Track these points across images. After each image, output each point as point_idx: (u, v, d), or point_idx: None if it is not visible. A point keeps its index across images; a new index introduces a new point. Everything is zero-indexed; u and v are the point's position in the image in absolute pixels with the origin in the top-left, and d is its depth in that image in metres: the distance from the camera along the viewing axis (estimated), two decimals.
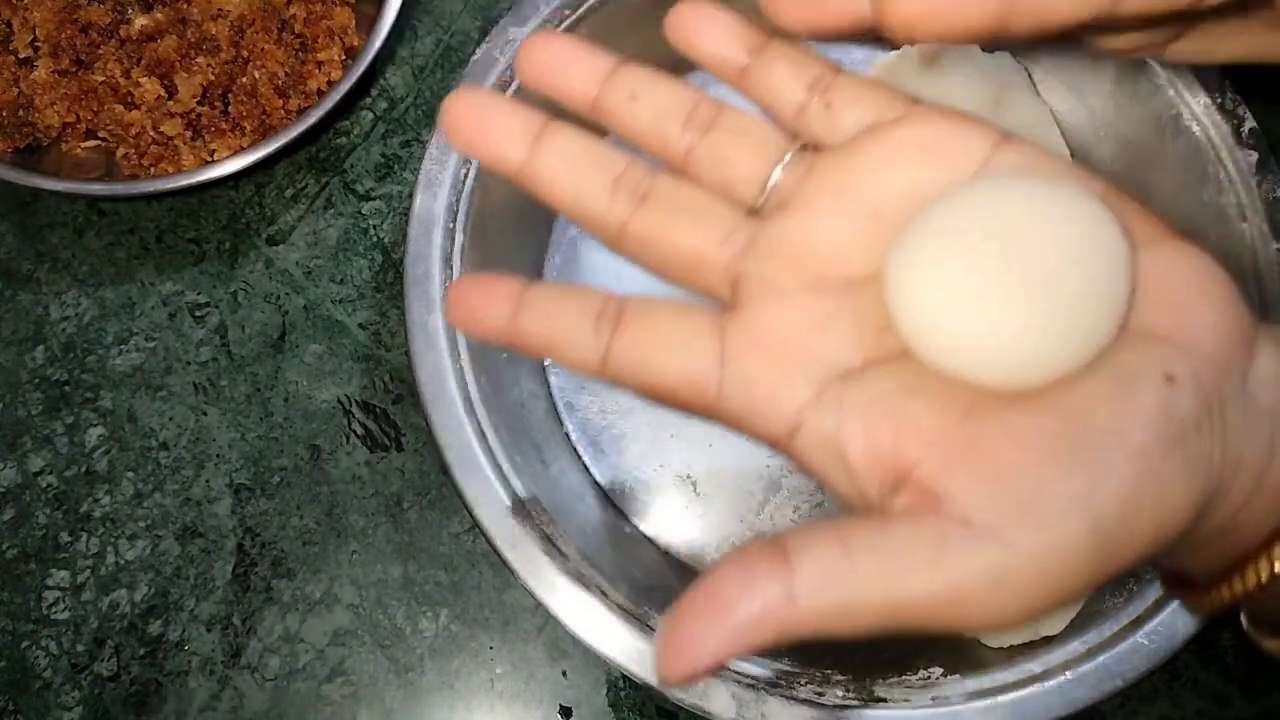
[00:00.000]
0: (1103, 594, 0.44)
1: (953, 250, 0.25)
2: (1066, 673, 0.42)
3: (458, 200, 0.48)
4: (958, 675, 0.43)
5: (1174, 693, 0.46)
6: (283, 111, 0.54)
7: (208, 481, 0.51)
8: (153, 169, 0.53)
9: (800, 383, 0.27)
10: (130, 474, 0.51)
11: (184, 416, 0.52)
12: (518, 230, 0.52)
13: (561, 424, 0.51)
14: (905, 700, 0.42)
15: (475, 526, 0.43)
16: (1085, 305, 0.25)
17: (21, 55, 0.55)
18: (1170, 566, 0.32)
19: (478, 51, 0.50)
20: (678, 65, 0.57)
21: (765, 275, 0.28)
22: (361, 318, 0.54)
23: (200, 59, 0.54)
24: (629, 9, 0.53)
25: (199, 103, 0.54)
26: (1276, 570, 0.26)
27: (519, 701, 0.48)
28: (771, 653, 0.43)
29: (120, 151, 0.54)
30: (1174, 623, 0.42)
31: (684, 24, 0.31)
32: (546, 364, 0.52)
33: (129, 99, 0.54)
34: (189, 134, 0.54)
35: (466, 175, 0.48)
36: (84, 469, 0.51)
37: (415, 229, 0.47)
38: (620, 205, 0.29)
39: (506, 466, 0.44)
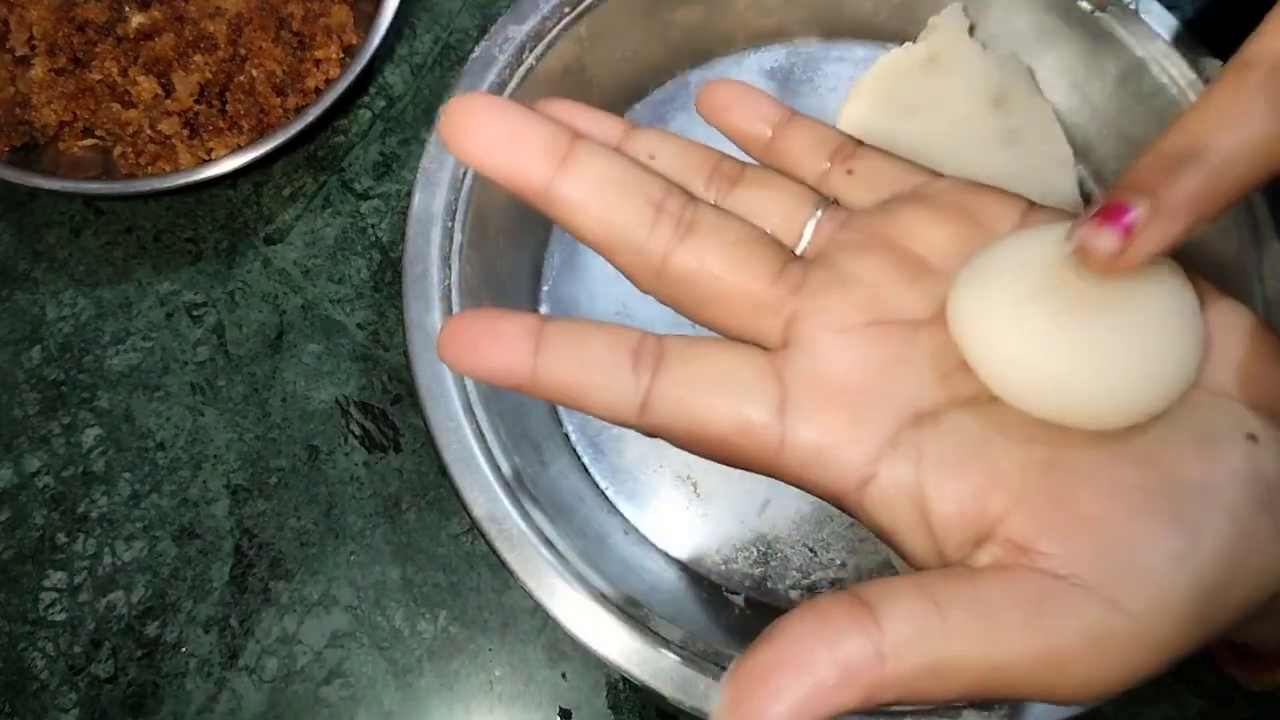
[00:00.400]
0: None
1: (1027, 283, 0.25)
2: None
3: (456, 199, 0.48)
4: None
5: (1176, 694, 0.46)
6: (280, 110, 0.54)
7: (205, 482, 0.51)
8: (150, 168, 0.53)
9: (874, 427, 0.25)
10: (127, 475, 0.51)
11: (181, 417, 0.52)
12: (517, 229, 0.52)
13: (561, 424, 0.51)
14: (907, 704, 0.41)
15: (474, 528, 0.43)
16: (1167, 346, 0.24)
17: (19, 54, 0.55)
18: (1233, 641, 0.31)
19: (476, 49, 0.50)
20: (676, 64, 0.57)
21: (825, 310, 0.26)
22: (360, 317, 0.53)
23: (198, 57, 0.54)
24: (627, 7, 0.53)
25: (196, 101, 0.54)
26: None
27: (518, 703, 0.47)
28: None
29: (117, 150, 0.53)
30: None
31: (715, 99, 0.32)
32: None
33: (126, 97, 0.54)
34: (186, 133, 0.53)
35: (465, 174, 0.48)
36: (81, 469, 0.51)
37: (413, 228, 0.47)
38: (663, 235, 0.26)
39: (505, 467, 0.44)
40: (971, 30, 0.56)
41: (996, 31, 0.56)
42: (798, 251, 0.28)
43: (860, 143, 0.30)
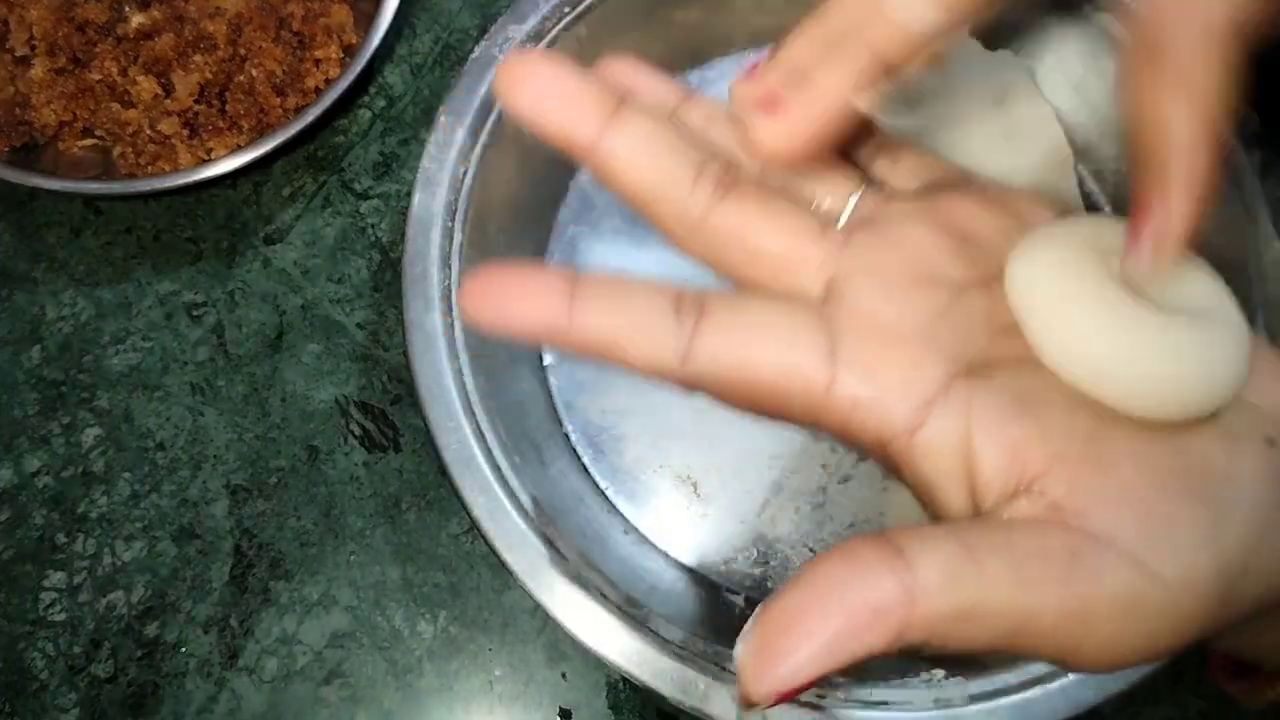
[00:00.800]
0: None
1: (1094, 261, 0.25)
2: (1070, 674, 0.41)
3: (456, 199, 0.48)
4: (960, 677, 0.42)
5: (1177, 694, 0.45)
6: (280, 110, 0.54)
7: (205, 482, 0.51)
8: (150, 168, 0.53)
9: (928, 373, 0.25)
10: (127, 475, 0.51)
11: (181, 417, 0.52)
12: (516, 229, 0.52)
13: (561, 425, 0.51)
14: (907, 702, 0.41)
15: (474, 528, 0.42)
16: (1229, 348, 0.25)
17: (19, 54, 0.55)
18: (1226, 649, 0.31)
19: (476, 49, 0.50)
20: (677, 64, 0.57)
21: (869, 267, 0.26)
22: (359, 317, 0.53)
23: (197, 57, 0.54)
24: (627, 7, 0.53)
25: (196, 101, 0.53)
26: None
27: (518, 704, 0.47)
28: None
29: (117, 150, 0.53)
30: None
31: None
32: (546, 364, 0.51)
33: (126, 97, 0.54)
34: (186, 133, 0.53)
35: (465, 174, 0.48)
36: (80, 470, 0.51)
37: (413, 228, 0.47)
38: (704, 192, 0.26)
39: (505, 467, 0.44)
40: (972, 30, 0.56)
41: (996, 31, 0.55)
42: (840, 224, 0.28)
43: (906, 143, 0.31)
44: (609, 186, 0.27)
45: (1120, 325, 0.24)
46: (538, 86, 0.26)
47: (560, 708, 0.47)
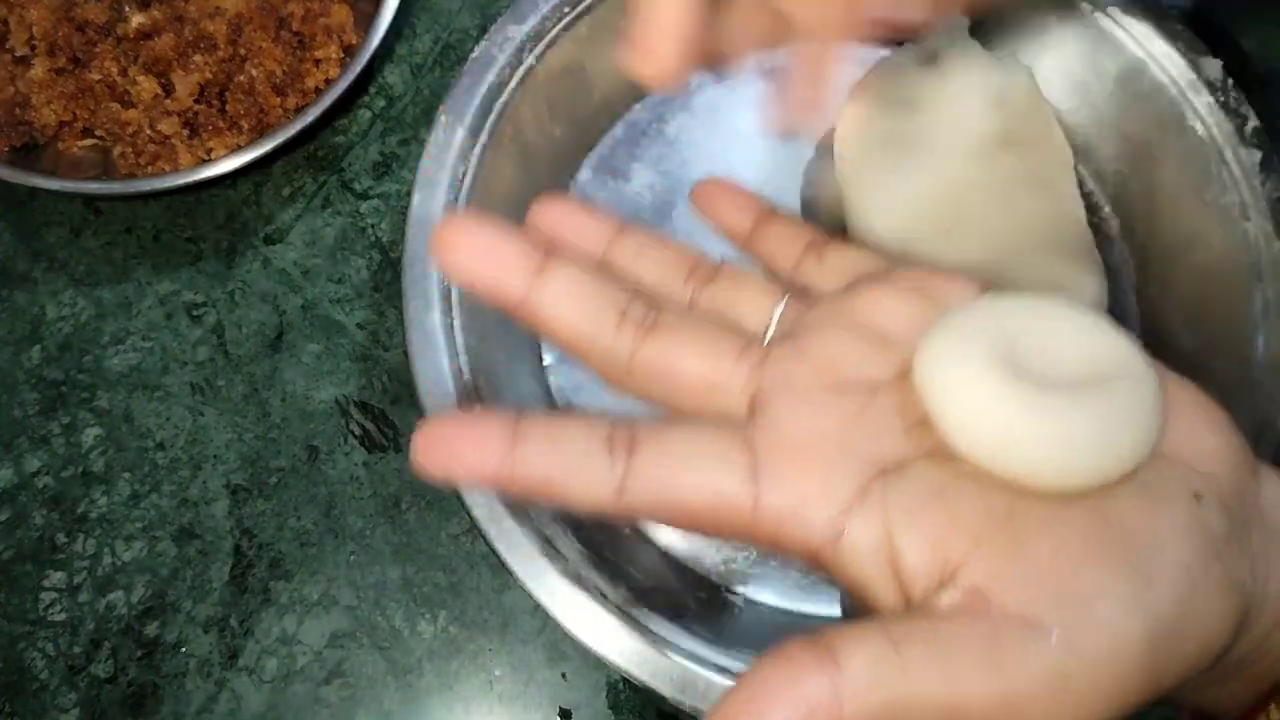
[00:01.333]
0: None
1: (994, 345, 0.26)
2: None
3: (456, 199, 0.47)
4: None
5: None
6: (280, 110, 0.53)
7: (205, 482, 0.50)
8: (150, 168, 0.52)
9: (843, 481, 0.25)
10: (127, 475, 0.50)
11: (181, 417, 0.51)
12: (516, 235, 0.51)
13: None
14: None
15: (473, 528, 0.42)
16: (1133, 414, 0.25)
17: (19, 54, 0.54)
18: (1193, 704, 0.31)
19: (476, 49, 0.50)
20: None
21: (786, 381, 0.27)
22: (359, 317, 0.53)
23: (197, 57, 0.53)
24: (624, 8, 0.53)
25: (196, 101, 0.53)
26: None
27: (518, 704, 0.47)
28: None
29: (117, 150, 0.53)
30: None
31: (704, 196, 0.34)
32: (546, 363, 0.51)
33: (126, 97, 0.53)
34: (186, 133, 0.53)
35: (465, 174, 0.48)
36: (80, 470, 0.50)
37: (413, 228, 0.47)
38: (628, 336, 0.28)
39: None
40: (972, 30, 0.56)
41: (996, 32, 0.55)
42: (766, 338, 0.29)
43: (832, 238, 0.32)
44: (544, 336, 0.29)
45: (1015, 404, 0.25)
46: (469, 249, 0.28)
47: (560, 708, 0.47)
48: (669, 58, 0.33)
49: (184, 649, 0.48)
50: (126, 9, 0.55)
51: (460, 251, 0.28)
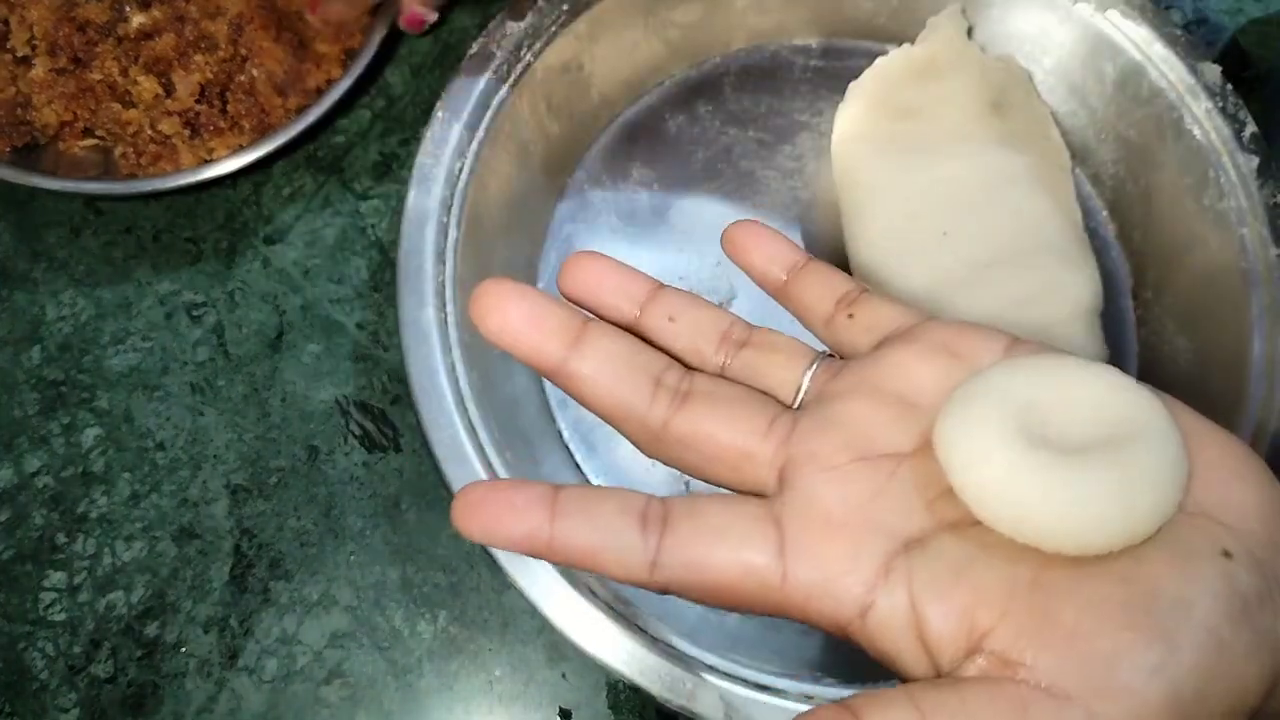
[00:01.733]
0: None
1: (1009, 414, 0.26)
2: None
3: (451, 195, 0.47)
4: None
5: None
6: (282, 110, 0.53)
7: (205, 482, 0.50)
8: (151, 168, 0.52)
9: (868, 556, 0.26)
10: (127, 475, 0.50)
11: (181, 417, 0.51)
12: (512, 226, 0.51)
13: (554, 421, 0.50)
14: None
15: None
16: (1152, 476, 0.25)
17: (19, 54, 0.54)
18: None
19: (474, 45, 0.49)
20: (675, 63, 0.56)
21: (813, 454, 0.28)
22: (359, 317, 0.53)
23: (198, 57, 0.53)
24: (626, 5, 0.52)
25: (197, 101, 0.53)
26: None
27: (518, 704, 0.47)
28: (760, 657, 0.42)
29: (118, 150, 0.53)
30: None
31: (737, 240, 0.34)
32: None
33: (127, 97, 0.53)
34: (187, 133, 0.53)
35: (461, 170, 0.47)
36: (80, 470, 0.50)
37: (408, 224, 0.46)
38: (662, 405, 0.29)
39: (497, 463, 0.43)
40: (970, 32, 0.55)
41: (995, 34, 0.55)
42: (795, 403, 0.30)
43: (865, 289, 0.32)
44: (580, 402, 0.30)
45: (1031, 474, 0.25)
46: (509, 314, 0.29)
47: (560, 708, 0.47)
48: None
49: (184, 649, 0.48)
50: (127, 9, 0.54)
51: (499, 318, 0.29)
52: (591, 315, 0.30)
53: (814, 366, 0.30)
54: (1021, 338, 0.29)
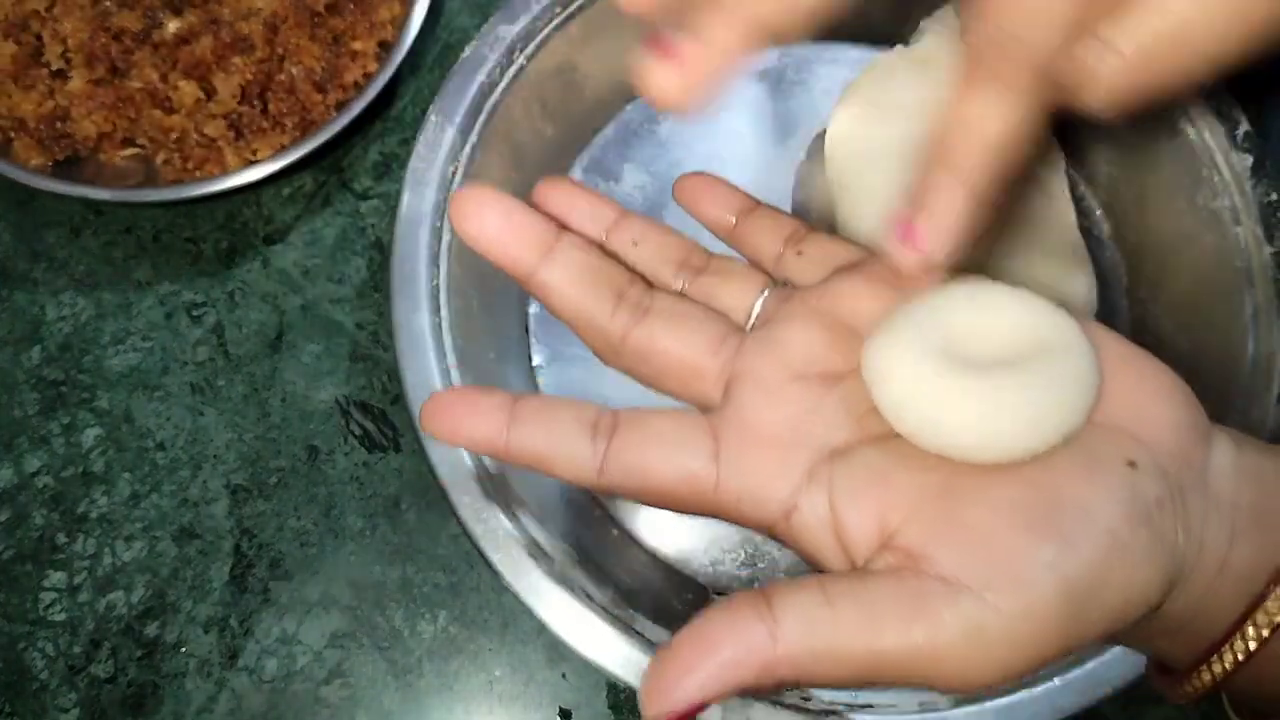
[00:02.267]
0: None
1: (930, 337, 0.28)
2: (1055, 679, 0.40)
3: (445, 199, 0.47)
4: None
5: None
6: (323, 106, 0.53)
7: (205, 482, 0.49)
8: (198, 172, 0.52)
9: (794, 466, 0.28)
10: (127, 475, 0.49)
11: (181, 417, 0.50)
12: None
13: None
14: (892, 706, 0.40)
15: (461, 528, 0.42)
16: (1058, 390, 0.27)
17: (54, 68, 0.53)
18: (1153, 654, 0.32)
19: (467, 49, 0.49)
20: None
21: (754, 371, 0.30)
22: (359, 317, 0.52)
23: (236, 59, 0.53)
24: (616, 8, 0.52)
25: (239, 103, 0.52)
26: (1241, 657, 0.27)
27: (518, 704, 0.46)
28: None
29: (160, 157, 0.52)
30: None
31: (688, 190, 0.36)
32: (535, 364, 0.50)
33: (167, 104, 0.52)
34: (232, 134, 0.52)
35: (455, 173, 0.47)
36: (80, 470, 0.50)
37: (402, 227, 0.46)
38: (622, 318, 0.31)
39: (492, 467, 0.43)
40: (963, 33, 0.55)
41: None
42: (747, 326, 0.32)
43: (812, 228, 0.34)
44: (548, 308, 0.31)
45: (942, 387, 0.27)
46: (486, 220, 0.30)
47: (560, 708, 0.46)
48: (701, 84, 0.31)
49: (184, 649, 0.47)
50: (161, 15, 0.54)
51: (478, 221, 0.30)
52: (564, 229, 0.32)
53: (766, 292, 0.32)
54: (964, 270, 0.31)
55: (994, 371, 0.27)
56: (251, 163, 0.52)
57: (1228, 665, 0.27)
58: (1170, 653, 0.30)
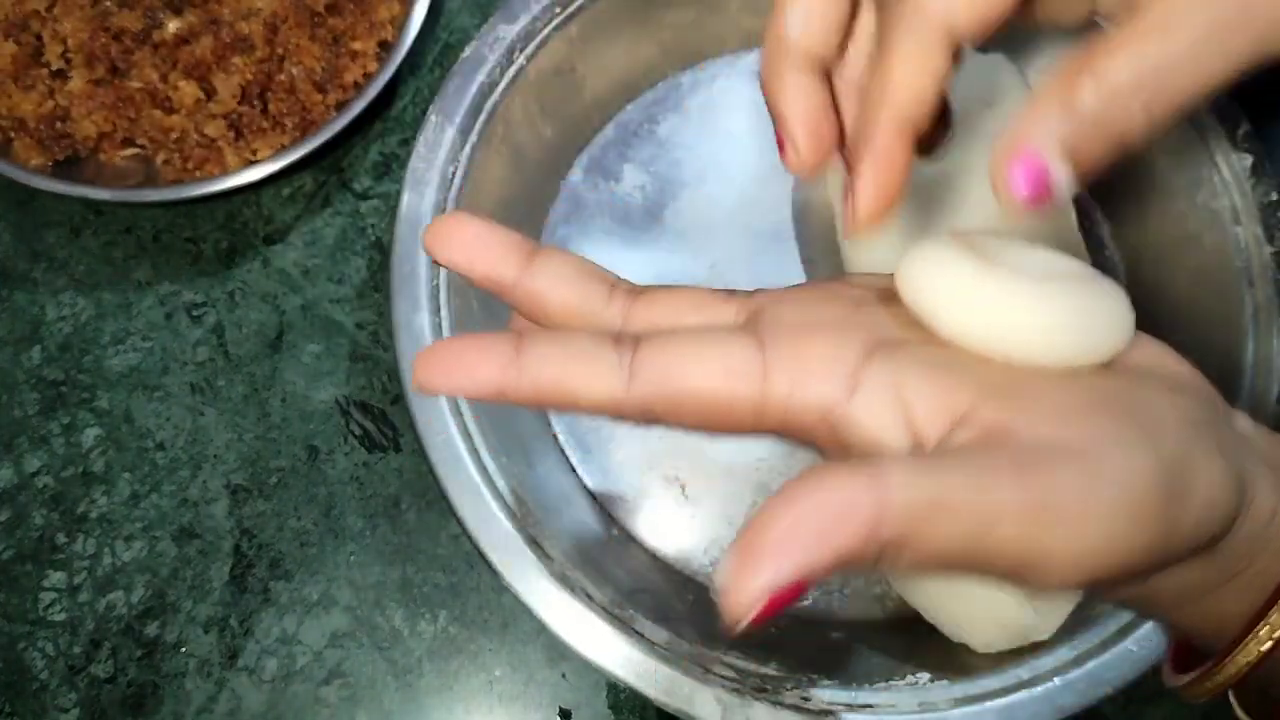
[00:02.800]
0: (1093, 597, 0.42)
1: (968, 251, 0.26)
2: (1055, 679, 0.40)
3: (445, 199, 0.46)
4: (945, 680, 0.41)
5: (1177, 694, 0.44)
6: (323, 106, 0.52)
7: (205, 482, 0.49)
8: (198, 172, 0.51)
9: (848, 347, 0.25)
10: (127, 475, 0.49)
11: (181, 417, 0.50)
12: (506, 228, 0.50)
13: (549, 425, 0.49)
14: (892, 706, 0.40)
15: (461, 528, 0.41)
16: (1106, 303, 0.26)
17: (54, 68, 0.52)
18: (1189, 629, 0.30)
19: (466, 49, 0.48)
20: (668, 65, 0.55)
21: (782, 298, 0.28)
22: (359, 317, 0.51)
23: (236, 59, 0.52)
24: (619, 7, 0.51)
25: (239, 103, 0.52)
26: (1263, 650, 0.26)
27: (518, 703, 0.46)
28: (761, 655, 0.41)
29: (160, 157, 0.51)
30: (1164, 630, 0.40)
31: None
32: None
33: (167, 104, 0.52)
34: (232, 135, 0.51)
35: (454, 173, 0.46)
36: (80, 470, 0.49)
37: (402, 227, 0.45)
38: (619, 302, 0.28)
39: (492, 467, 0.42)
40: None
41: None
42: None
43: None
44: (536, 318, 0.29)
45: (999, 283, 0.25)
46: (462, 243, 0.28)
47: (560, 708, 0.46)
48: (814, 151, 0.32)
49: (184, 649, 0.46)
50: (161, 15, 0.53)
51: (453, 245, 0.28)
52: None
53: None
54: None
55: (1039, 279, 0.25)
56: (251, 163, 0.51)
57: (1252, 657, 0.26)
58: (1212, 615, 0.28)
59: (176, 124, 0.51)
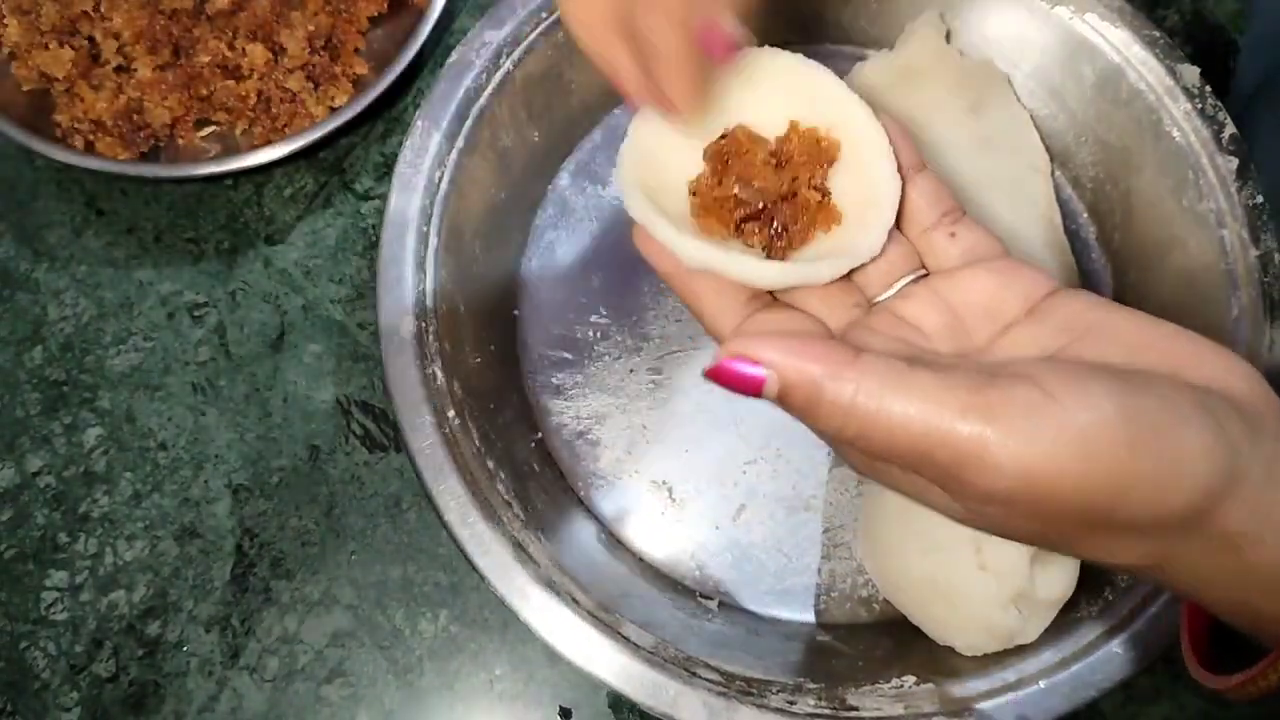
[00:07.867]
0: (1078, 601, 0.38)
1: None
2: (1040, 682, 0.36)
3: (431, 204, 0.41)
4: (931, 684, 0.37)
5: (1176, 694, 0.40)
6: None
7: (206, 482, 0.44)
8: (287, 128, 0.47)
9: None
10: (129, 474, 0.44)
11: (182, 417, 0.45)
12: (493, 233, 0.45)
13: (537, 429, 0.44)
14: (877, 709, 0.36)
15: (446, 531, 0.36)
16: None
17: (114, 64, 0.47)
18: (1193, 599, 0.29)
19: (453, 54, 0.43)
20: None
21: (869, 324, 0.28)
22: (360, 317, 0.46)
23: (294, 14, 0.48)
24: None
25: (309, 54, 0.48)
26: None
27: (519, 702, 0.41)
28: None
29: (239, 128, 0.47)
30: (1149, 633, 0.36)
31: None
32: (523, 368, 0.45)
33: (238, 72, 0.47)
34: (311, 85, 0.47)
35: (441, 179, 0.42)
36: (82, 469, 0.44)
37: (389, 232, 0.41)
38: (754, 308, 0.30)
39: (477, 471, 0.38)
40: (948, 37, 0.49)
41: (973, 38, 0.49)
42: (882, 298, 0.30)
43: (964, 211, 0.31)
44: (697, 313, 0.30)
45: None
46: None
47: (560, 706, 0.41)
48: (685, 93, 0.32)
49: (185, 648, 0.41)
50: None
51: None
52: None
53: (906, 280, 0.30)
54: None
55: None
56: (333, 110, 0.47)
57: None
58: (1246, 615, 0.26)
59: (250, 88, 0.47)
